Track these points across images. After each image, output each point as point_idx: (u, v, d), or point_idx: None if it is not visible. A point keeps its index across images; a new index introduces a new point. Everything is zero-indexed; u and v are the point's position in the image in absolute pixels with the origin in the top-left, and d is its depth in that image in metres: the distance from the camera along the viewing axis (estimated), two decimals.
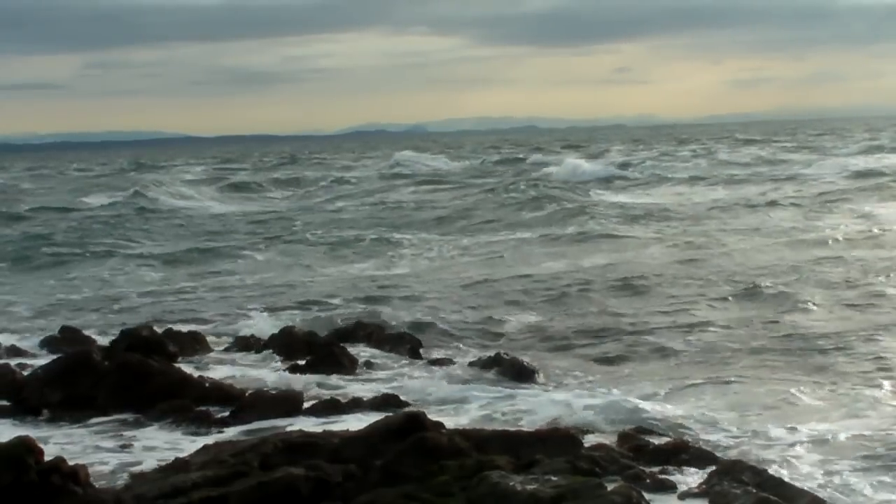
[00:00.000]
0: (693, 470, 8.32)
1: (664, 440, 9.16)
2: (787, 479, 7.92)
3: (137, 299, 19.90)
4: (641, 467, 8.22)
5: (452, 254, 25.43)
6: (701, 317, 15.55)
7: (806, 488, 7.80)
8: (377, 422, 8.85)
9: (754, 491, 7.46)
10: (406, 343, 14.29)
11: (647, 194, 41.47)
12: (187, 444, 9.67)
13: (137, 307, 18.85)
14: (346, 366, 12.89)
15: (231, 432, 10.15)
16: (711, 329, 14.64)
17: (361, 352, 13.85)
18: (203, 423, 10.64)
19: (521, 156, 78.00)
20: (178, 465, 8.35)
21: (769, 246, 23.25)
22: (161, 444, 9.94)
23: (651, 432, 9.50)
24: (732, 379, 11.74)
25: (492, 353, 13.16)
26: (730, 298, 16.88)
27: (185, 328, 15.53)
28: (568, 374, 12.62)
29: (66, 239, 31.26)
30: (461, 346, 14.48)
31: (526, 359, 12.89)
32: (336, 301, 18.43)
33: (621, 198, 39.24)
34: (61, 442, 10.10)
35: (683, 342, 13.89)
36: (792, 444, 9.15)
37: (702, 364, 12.66)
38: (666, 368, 12.57)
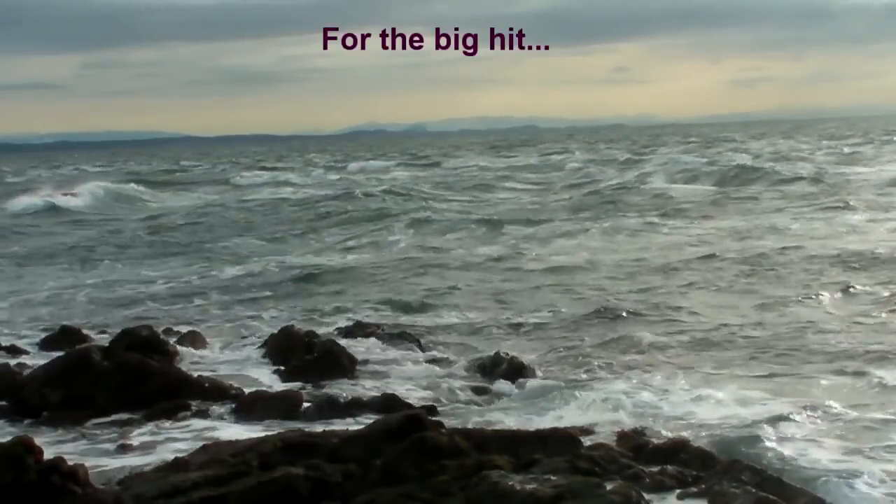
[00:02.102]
0: (692, 470, 8.30)
1: (663, 440, 9.15)
2: (786, 479, 7.91)
3: (136, 299, 19.88)
4: (641, 467, 8.20)
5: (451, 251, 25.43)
6: (701, 314, 15.52)
7: (806, 488, 7.80)
8: (376, 421, 8.85)
9: (754, 491, 7.46)
10: (406, 343, 14.29)
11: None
12: (187, 444, 9.67)
13: (136, 307, 18.83)
14: (346, 365, 12.87)
15: (230, 432, 10.15)
16: (712, 327, 14.61)
17: (361, 351, 13.83)
18: (202, 423, 10.64)
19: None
20: (178, 465, 8.35)
21: None
22: (160, 444, 9.94)
23: (651, 432, 9.50)
24: (733, 377, 11.74)
25: (492, 352, 13.14)
26: (732, 293, 16.88)
27: (184, 328, 15.55)
28: (567, 373, 12.60)
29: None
30: (461, 345, 14.44)
31: (525, 358, 12.87)
32: (337, 300, 18.42)
33: None
34: (61, 441, 10.11)
35: (683, 341, 13.86)
36: (792, 444, 9.14)
37: (702, 364, 12.64)
38: (666, 369, 12.54)
